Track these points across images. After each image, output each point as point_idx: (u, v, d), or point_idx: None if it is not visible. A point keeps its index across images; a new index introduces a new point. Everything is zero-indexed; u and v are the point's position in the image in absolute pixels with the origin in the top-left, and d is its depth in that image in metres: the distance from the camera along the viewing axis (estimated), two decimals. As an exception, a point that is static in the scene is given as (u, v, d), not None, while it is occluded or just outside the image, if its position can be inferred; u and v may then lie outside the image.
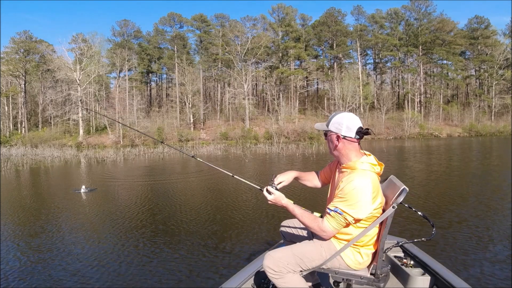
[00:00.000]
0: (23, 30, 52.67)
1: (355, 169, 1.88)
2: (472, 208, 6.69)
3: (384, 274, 1.94)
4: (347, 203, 1.80)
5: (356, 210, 1.80)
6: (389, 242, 2.50)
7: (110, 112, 46.91)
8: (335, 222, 1.84)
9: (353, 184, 1.80)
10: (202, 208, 7.31)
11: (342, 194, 1.82)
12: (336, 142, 1.95)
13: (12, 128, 50.78)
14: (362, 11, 58.21)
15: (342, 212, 1.81)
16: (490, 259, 4.10)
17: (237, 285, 2.26)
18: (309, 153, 21.75)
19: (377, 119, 48.24)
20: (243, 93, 48.83)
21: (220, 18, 58.56)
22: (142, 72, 57.29)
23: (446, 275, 2.27)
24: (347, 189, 1.81)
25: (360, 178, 1.82)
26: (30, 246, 5.12)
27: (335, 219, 1.84)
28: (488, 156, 18.40)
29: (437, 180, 10.35)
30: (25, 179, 14.21)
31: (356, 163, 1.89)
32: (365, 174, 1.84)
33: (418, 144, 31.38)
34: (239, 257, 4.36)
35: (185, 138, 42.27)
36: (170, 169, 16.05)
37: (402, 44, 55.56)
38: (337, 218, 1.83)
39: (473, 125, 47.94)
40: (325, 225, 1.86)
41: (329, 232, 1.87)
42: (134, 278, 3.89)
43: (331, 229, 1.86)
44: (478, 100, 54.69)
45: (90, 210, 7.55)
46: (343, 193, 1.82)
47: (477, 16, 56.31)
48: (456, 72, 56.65)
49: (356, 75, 53.23)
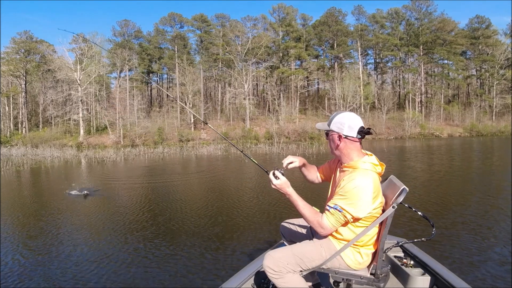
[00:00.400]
0: (24, 30, 52.69)
1: (357, 168, 1.87)
2: (475, 208, 6.66)
3: (384, 274, 1.94)
4: (348, 201, 1.80)
5: (355, 209, 1.80)
6: (389, 242, 2.50)
7: (110, 112, 46.93)
8: (334, 219, 1.84)
9: (354, 183, 1.80)
10: (202, 209, 7.27)
11: (343, 192, 1.82)
12: (337, 142, 1.95)
13: (13, 128, 50.80)
14: (363, 11, 58.19)
15: (341, 210, 1.81)
16: (491, 259, 4.08)
17: (237, 285, 2.25)
18: (309, 153, 21.70)
19: (377, 119, 48.16)
20: (243, 93, 48.80)
21: (220, 18, 58.54)
22: (142, 72, 57.28)
23: (446, 275, 2.27)
24: (348, 187, 1.81)
25: (361, 178, 1.82)
26: (29, 247, 5.09)
27: (334, 216, 1.83)
28: (489, 156, 18.34)
29: (440, 181, 10.30)
30: (25, 179, 14.18)
31: (358, 163, 1.90)
32: (367, 173, 1.84)
33: (419, 144, 31.29)
34: (239, 257, 4.36)
35: (185, 138, 42.26)
36: (170, 170, 16.00)
37: (403, 44, 55.48)
38: (336, 215, 1.83)
39: (474, 125, 47.82)
40: (324, 221, 1.86)
41: (327, 229, 1.87)
42: (134, 278, 3.89)
43: (329, 226, 1.85)
44: (479, 100, 54.59)
45: (90, 211, 7.51)
46: (344, 191, 1.82)
47: (478, 16, 56.26)
48: (457, 72, 56.55)
49: (356, 75, 53.15)
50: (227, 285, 2.25)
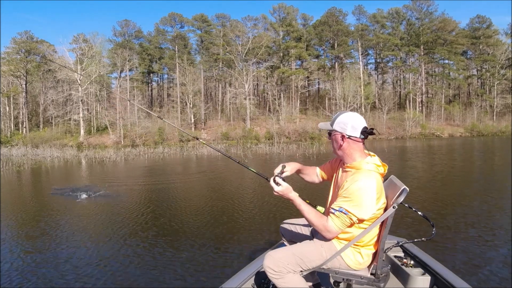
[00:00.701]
0: (24, 31, 52.79)
1: (360, 169, 1.87)
2: (477, 208, 6.61)
3: (384, 274, 1.94)
4: (352, 203, 1.79)
5: (360, 210, 1.79)
6: (389, 242, 2.50)
7: (111, 112, 46.94)
8: (340, 222, 1.83)
9: (358, 184, 1.79)
10: (202, 209, 7.24)
11: (347, 194, 1.81)
12: (340, 142, 1.94)
13: (13, 128, 50.82)
14: (363, 11, 58.09)
15: (347, 212, 1.79)
16: (493, 260, 4.07)
17: (237, 285, 2.25)
18: (309, 153, 21.65)
19: (378, 119, 48.07)
20: (244, 93, 48.76)
21: (221, 18, 58.51)
22: (143, 72, 57.29)
23: (446, 275, 2.27)
24: (352, 189, 1.80)
25: (365, 179, 1.81)
26: (31, 248, 5.06)
27: (340, 219, 1.82)
28: (491, 156, 18.28)
29: (442, 181, 10.25)
30: (25, 179, 14.14)
31: (361, 163, 1.88)
32: (370, 174, 1.84)
33: (419, 144, 31.24)
34: (239, 258, 4.34)
35: (185, 139, 42.26)
36: (170, 170, 15.97)
37: (403, 44, 55.38)
38: (342, 218, 1.82)
39: (475, 125, 47.73)
40: (329, 225, 1.84)
41: (333, 232, 1.86)
42: (135, 279, 3.88)
43: (335, 229, 1.84)
44: (480, 100, 54.49)
45: (91, 212, 7.46)
46: (348, 193, 1.81)
47: (479, 16, 56.11)
48: (458, 72, 56.44)
49: (357, 75, 53.05)
50: (227, 285, 2.25)
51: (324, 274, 2.08)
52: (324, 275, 2.20)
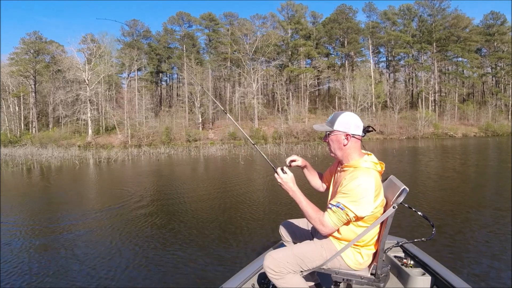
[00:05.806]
0: (33, 31, 53.18)
1: (358, 167, 1.88)
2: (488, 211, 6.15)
3: (384, 274, 1.96)
4: (350, 199, 1.79)
5: (358, 207, 1.79)
6: (389, 242, 2.53)
7: (119, 112, 46.98)
8: (336, 218, 1.83)
9: (357, 181, 1.80)
10: (202, 209, 7.08)
11: (346, 190, 1.81)
12: (344, 141, 1.94)
13: (23, 128, 51.24)
14: (374, 8, 57.17)
15: (344, 208, 1.80)
16: (492, 259, 4.01)
17: (237, 285, 2.26)
18: (312, 154, 21.07)
19: (389, 119, 47.26)
20: (252, 92, 48.31)
21: (229, 17, 58.28)
22: (152, 72, 57.38)
23: (446, 275, 2.27)
24: (351, 185, 1.80)
25: (364, 176, 1.82)
26: (36, 246, 4.98)
27: (336, 214, 1.82)
28: (505, 158, 17.42)
29: (454, 181, 9.72)
30: (24, 179, 13.86)
31: (359, 162, 1.90)
32: (369, 172, 1.85)
33: (432, 144, 30.34)
34: (239, 258, 4.29)
35: (192, 138, 42.00)
36: (170, 170, 15.69)
37: (415, 41, 54.28)
38: (338, 214, 1.82)
39: (490, 124, 46.59)
40: (325, 220, 1.84)
41: (328, 227, 1.85)
42: (134, 279, 3.82)
43: (331, 225, 1.84)
44: (495, 99, 53.28)
45: (96, 210, 7.21)
46: (346, 189, 1.81)
47: (493, 12, 54.84)
48: (472, 70, 55.17)
49: (368, 73, 52.21)
50: (227, 285, 2.25)
51: (324, 274, 2.09)
52: (324, 275, 2.20)
